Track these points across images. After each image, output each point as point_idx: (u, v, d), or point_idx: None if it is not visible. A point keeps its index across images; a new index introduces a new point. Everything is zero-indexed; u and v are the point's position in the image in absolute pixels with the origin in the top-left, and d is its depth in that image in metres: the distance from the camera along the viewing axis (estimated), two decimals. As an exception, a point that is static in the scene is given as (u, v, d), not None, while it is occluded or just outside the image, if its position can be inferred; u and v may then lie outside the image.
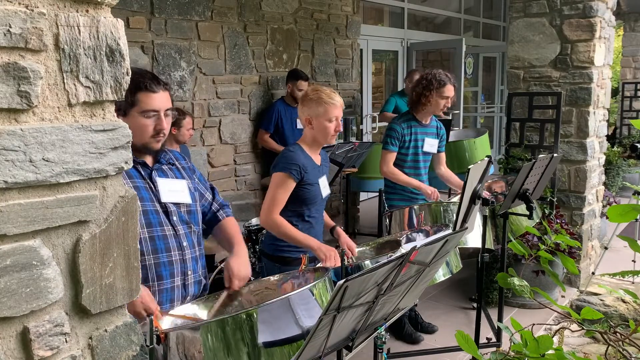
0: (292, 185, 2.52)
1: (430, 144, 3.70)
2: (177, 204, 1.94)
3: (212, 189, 2.22)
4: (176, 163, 2.05)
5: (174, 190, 1.95)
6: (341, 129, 2.62)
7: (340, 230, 2.77)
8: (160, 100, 1.83)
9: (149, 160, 1.94)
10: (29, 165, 0.96)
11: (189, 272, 1.94)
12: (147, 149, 1.88)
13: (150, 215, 1.86)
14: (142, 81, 1.79)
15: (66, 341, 1.04)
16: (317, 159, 2.66)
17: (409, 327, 3.69)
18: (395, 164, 3.65)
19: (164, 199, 1.90)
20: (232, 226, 2.19)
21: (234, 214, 2.25)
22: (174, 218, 1.92)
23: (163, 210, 1.90)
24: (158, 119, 1.83)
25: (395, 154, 3.61)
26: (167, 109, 1.86)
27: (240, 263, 2.03)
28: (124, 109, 1.79)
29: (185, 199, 1.97)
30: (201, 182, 2.16)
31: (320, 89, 2.57)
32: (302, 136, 2.66)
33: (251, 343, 1.54)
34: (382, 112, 6.33)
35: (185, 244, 1.93)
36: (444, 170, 3.84)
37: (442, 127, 3.84)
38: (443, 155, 3.83)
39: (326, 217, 2.86)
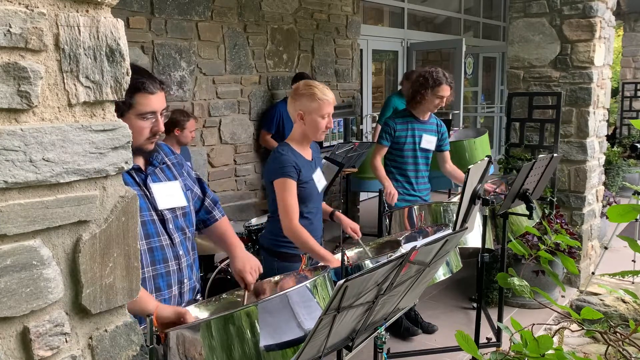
0: (294, 185, 2.52)
1: (428, 141, 3.69)
2: (172, 210, 1.89)
3: (200, 181, 2.14)
4: (167, 161, 1.98)
5: (169, 194, 1.89)
6: (332, 126, 2.60)
7: (339, 214, 2.79)
8: (157, 101, 1.76)
9: (141, 163, 1.87)
10: (29, 165, 0.96)
11: (185, 281, 1.92)
12: (141, 151, 1.82)
13: (148, 225, 1.81)
14: (140, 82, 1.71)
15: (66, 341, 1.04)
16: (307, 154, 2.65)
17: (406, 322, 3.69)
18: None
19: (160, 206, 1.85)
20: (227, 227, 2.18)
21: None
22: (170, 226, 1.87)
23: (159, 219, 1.85)
24: (155, 121, 1.77)
25: (386, 148, 3.66)
26: (163, 109, 1.80)
27: (244, 258, 2.06)
28: (120, 111, 1.70)
29: (181, 201, 1.92)
30: (189, 176, 2.08)
31: (313, 84, 2.54)
32: (292, 133, 2.65)
33: (251, 340, 1.54)
34: (377, 125, 6.41)
35: (181, 252, 1.90)
36: (449, 167, 3.84)
37: (443, 124, 3.82)
38: (447, 153, 3.83)
39: (324, 205, 2.86)
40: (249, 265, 2.05)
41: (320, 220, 2.75)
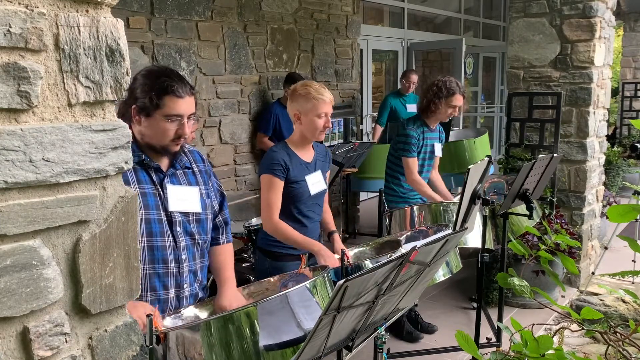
0: (279, 184, 2.52)
1: (438, 148, 3.75)
2: (184, 213, 1.90)
3: (222, 196, 2.14)
4: (193, 166, 2.00)
5: (183, 198, 1.90)
6: (330, 126, 2.56)
7: (337, 237, 2.71)
8: (185, 105, 1.80)
9: (164, 163, 1.90)
10: (29, 165, 0.96)
11: (185, 285, 1.92)
12: (166, 151, 1.86)
13: (152, 224, 1.83)
14: (170, 84, 1.76)
15: (66, 341, 1.04)
16: (305, 155, 2.63)
17: (408, 325, 3.70)
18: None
19: (171, 208, 1.87)
20: (227, 259, 2.12)
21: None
22: (177, 229, 1.88)
23: (167, 220, 1.87)
24: (181, 124, 1.81)
25: (417, 159, 3.62)
26: (191, 114, 1.84)
27: (232, 298, 2.00)
28: (147, 110, 1.77)
29: (195, 207, 1.93)
30: (214, 188, 2.09)
31: (309, 84, 2.52)
32: (292, 133, 2.64)
33: (251, 341, 1.54)
34: (376, 125, 6.41)
35: (184, 256, 1.90)
36: (435, 174, 3.86)
37: (443, 131, 3.88)
38: (438, 159, 3.86)
39: (329, 219, 2.82)
40: (236, 304, 1.98)
41: (315, 226, 2.71)
